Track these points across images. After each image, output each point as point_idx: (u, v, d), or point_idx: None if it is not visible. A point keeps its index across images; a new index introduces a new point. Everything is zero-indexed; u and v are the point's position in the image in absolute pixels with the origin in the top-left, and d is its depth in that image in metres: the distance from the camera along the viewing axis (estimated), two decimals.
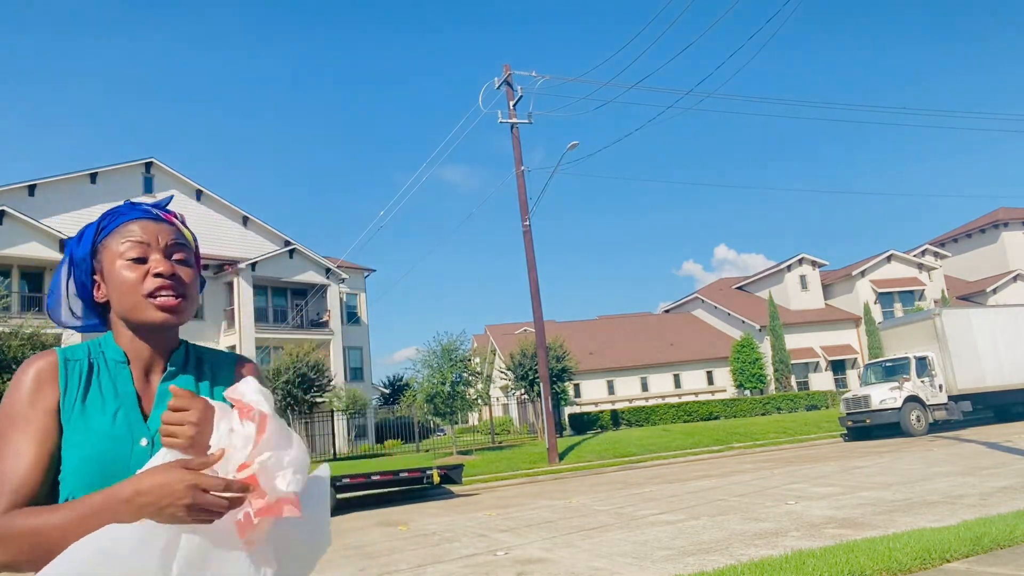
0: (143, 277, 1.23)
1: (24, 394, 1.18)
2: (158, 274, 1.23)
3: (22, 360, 16.67)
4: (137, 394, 1.25)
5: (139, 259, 1.24)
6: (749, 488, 10.89)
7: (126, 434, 1.19)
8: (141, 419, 1.23)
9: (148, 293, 1.22)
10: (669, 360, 39.70)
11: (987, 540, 5.02)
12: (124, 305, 1.24)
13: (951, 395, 20.78)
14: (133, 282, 1.22)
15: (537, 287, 20.78)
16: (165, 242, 1.27)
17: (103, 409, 1.20)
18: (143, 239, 1.25)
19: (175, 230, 1.30)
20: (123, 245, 1.24)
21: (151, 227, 1.27)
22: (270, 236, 34.01)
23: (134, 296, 1.22)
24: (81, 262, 1.28)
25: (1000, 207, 47.54)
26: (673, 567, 5.70)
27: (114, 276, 1.24)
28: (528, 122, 21.43)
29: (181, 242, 1.30)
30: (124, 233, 1.25)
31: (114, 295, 1.25)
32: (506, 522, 9.66)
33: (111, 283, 1.25)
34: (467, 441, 28.34)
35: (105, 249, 1.26)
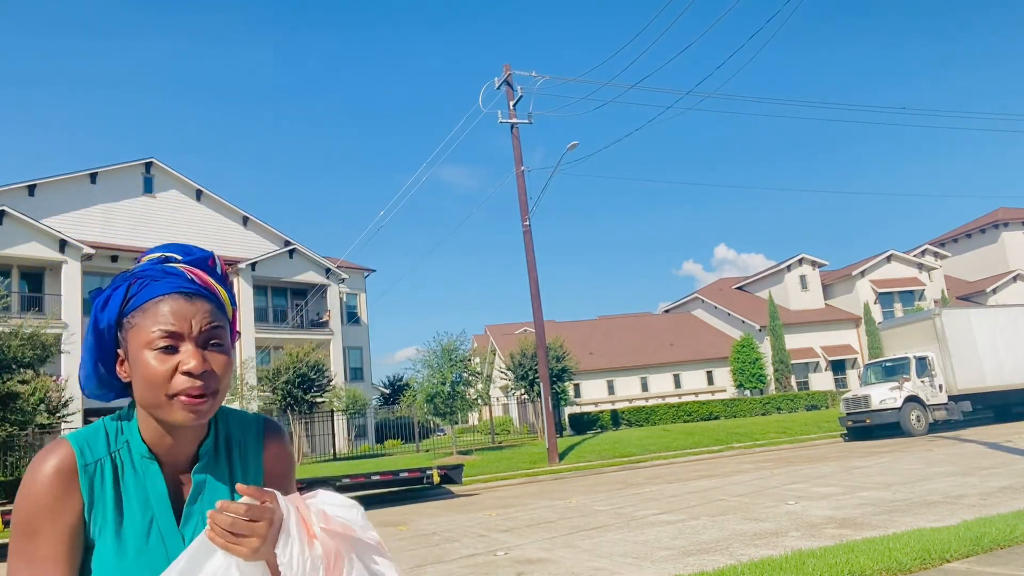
0: (171, 373, 1.08)
1: (43, 506, 1.05)
2: (187, 372, 1.09)
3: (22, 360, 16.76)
4: (168, 493, 1.14)
5: (168, 348, 1.09)
6: (749, 488, 10.89)
7: (161, 555, 1.09)
8: (175, 528, 1.12)
9: (174, 393, 1.09)
10: (669, 360, 39.70)
11: (987, 540, 5.02)
12: (146, 400, 1.11)
13: (951, 395, 20.78)
14: (159, 377, 1.08)
15: (537, 287, 20.78)
16: (199, 327, 1.11)
17: (133, 520, 1.10)
18: (175, 327, 1.10)
19: (212, 308, 1.15)
20: (152, 331, 1.09)
21: (184, 309, 1.11)
22: (270, 236, 34.03)
23: (158, 394, 1.09)
24: (105, 331, 1.14)
25: (1000, 207, 47.57)
26: (673, 567, 5.70)
27: (139, 365, 1.10)
28: (528, 122, 21.43)
29: (217, 324, 1.14)
30: (154, 315, 1.10)
31: (137, 385, 1.11)
32: (506, 522, 9.66)
33: (135, 370, 1.11)
34: (467, 441, 28.35)
35: (131, 327, 1.11)
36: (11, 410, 16.29)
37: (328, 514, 1.10)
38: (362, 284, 38.94)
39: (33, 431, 17.48)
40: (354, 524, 1.11)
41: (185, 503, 1.16)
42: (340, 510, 1.12)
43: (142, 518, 1.11)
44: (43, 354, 17.61)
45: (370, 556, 1.12)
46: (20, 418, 16.55)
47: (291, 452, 1.33)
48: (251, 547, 1.00)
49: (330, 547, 1.07)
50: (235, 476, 1.21)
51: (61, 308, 25.02)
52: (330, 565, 1.05)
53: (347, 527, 1.10)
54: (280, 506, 1.04)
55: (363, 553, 1.11)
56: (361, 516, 1.13)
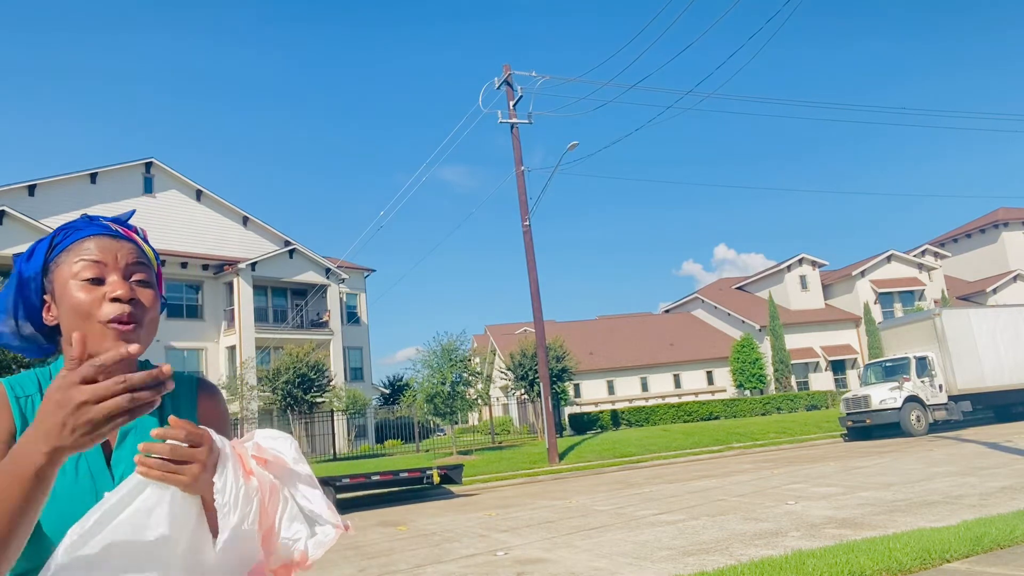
0: (99, 301, 1.09)
1: None
2: (115, 298, 1.09)
3: (22, 361, 16.75)
4: None
5: (95, 279, 1.10)
6: (749, 488, 10.88)
7: (89, 489, 1.07)
8: (104, 466, 1.11)
9: (105, 320, 1.08)
10: (669, 360, 39.70)
11: (987, 540, 5.02)
12: (75, 329, 1.09)
13: (951, 395, 20.78)
14: (88, 305, 1.09)
15: (537, 287, 20.78)
16: (125, 261, 1.14)
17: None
18: (100, 258, 1.12)
19: (136, 248, 1.17)
20: (77, 264, 1.11)
21: (109, 244, 1.14)
22: (270, 236, 34.02)
23: (88, 322, 1.08)
24: (31, 280, 1.15)
25: (1000, 207, 47.56)
26: (673, 567, 5.70)
27: (67, 298, 1.10)
28: (528, 122, 21.44)
29: (142, 261, 1.17)
30: (79, 251, 1.12)
31: (66, 319, 1.11)
32: (506, 522, 9.66)
33: (63, 305, 1.11)
34: (467, 441, 28.35)
35: (57, 267, 1.13)
36: None
37: (261, 446, 1.09)
38: (362, 284, 38.94)
39: None
40: (286, 456, 1.10)
41: (113, 449, 1.14)
42: (272, 441, 1.11)
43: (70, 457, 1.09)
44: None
45: (302, 488, 1.10)
46: None
47: (226, 409, 1.33)
48: (192, 474, 0.96)
49: (264, 480, 1.06)
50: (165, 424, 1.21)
51: None
52: (265, 497, 1.04)
53: (279, 458, 1.09)
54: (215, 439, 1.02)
55: (295, 485, 1.10)
56: (294, 448, 1.12)
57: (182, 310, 30.79)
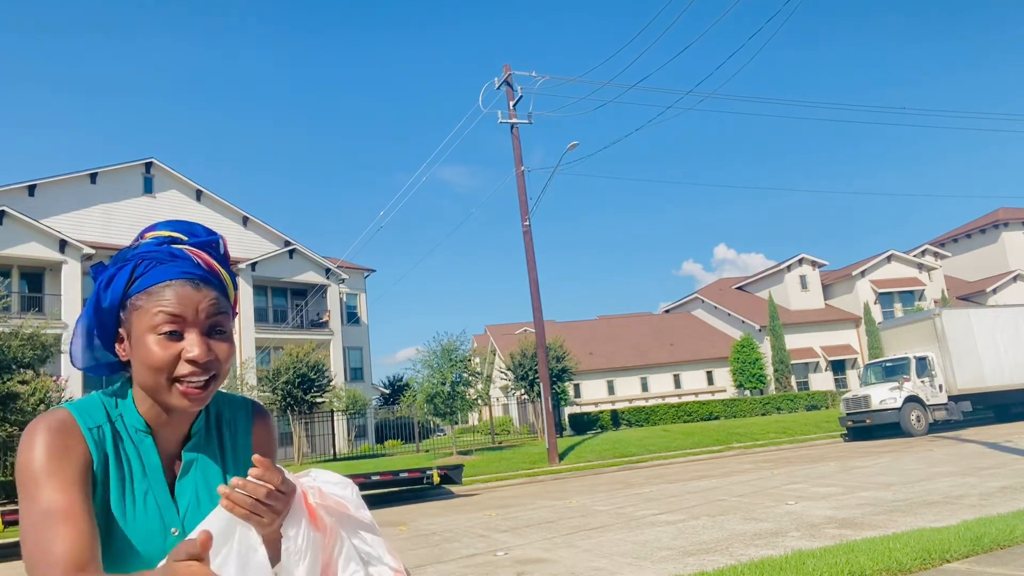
0: (175, 359, 1.08)
1: (49, 451, 1.03)
2: (192, 360, 1.08)
3: (22, 360, 16.76)
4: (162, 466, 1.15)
5: (172, 333, 1.09)
6: (749, 488, 10.89)
7: (158, 525, 1.10)
8: (170, 500, 1.14)
9: (177, 378, 1.09)
10: (669, 360, 39.70)
11: (987, 540, 5.02)
12: (147, 383, 1.10)
13: (951, 395, 20.78)
14: (162, 363, 1.08)
15: (537, 287, 20.78)
16: (205, 314, 1.11)
17: (134, 489, 1.11)
18: (179, 312, 1.09)
19: (216, 297, 1.14)
20: (156, 315, 1.08)
21: (191, 296, 1.10)
22: (270, 236, 34.03)
23: (159, 378, 1.09)
24: (108, 311, 1.13)
25: (1000, 207, 47.57)
26: (673, 567, 5.70)
27: (142, 348, 1.09)
28: (528, 122, 21.44)
29: (222, 310, 1.14)
30: (159, 299, 1.09)
31: (138, 368, 1.11)
32: (506, 522, 9.66)
33: (137, 352, 1.10)
34: (467, 441, 28.36)
35: (135, 309, 1.10)
36: (11, 410, 16.29)
37: (323, 491, 1.10)
38: (362, 284, 38.95)
39: None
40: (348, 502, 1.12)
41: (176, 478, 1.17)
42: (335, 488, 1.12)
43: (141, 487, 1.12)
44: (43, 354, 17.60)
45: (362, 535, 1.12)
46: (20, 418, 16.54)
47: (275, 434, 1.36)
48: (274, 518, 1.00)
49: (324, 524, 1.08)
50: (226, 455, 1.23)
51: (61, 308, 24.99)
52: (325, 542, 1.06)
53: (341, 504, 1.11)
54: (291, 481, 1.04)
55: (355, 531, 1.12)
56: (355, 494, 1.13)
57: None
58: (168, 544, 1.09)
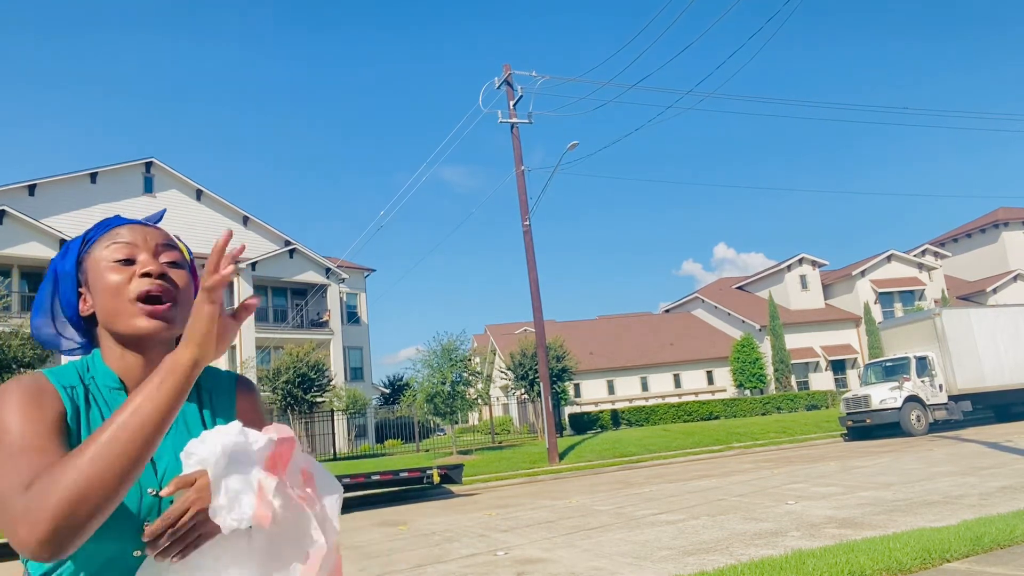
0: (130, 278, 1.12)
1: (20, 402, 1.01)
2: (146, 273, 1.12)
3: (22, 360, 16.76)
4: None
5: (126, 260, 1.13)
6: (749, 488, 10.89)
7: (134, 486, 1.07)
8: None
9: (136, 296, 1.10)
10: (669, 360, 39.70)
11: (987, 540, 5.02)
12: (109, 312, 1.11)
13: (951, 395, 20.78)
14: (119, 284, 1.11)
15: (537, 287, 20.78)
16: (155, 242, 1.17)
17: None
18: (130, 239, 1.15)
19: (165, 234, 1.21)
20: (108, 248, 1.14)
21: (139, 229, 1.18)
22: (270, 236, 34.03)
23: (120, 300, 1.11)
24: (66, 276, 1.17)
25: (1000, 207, 47.54)
26: (673, 567, 5.70)
27: (99, 280, 1.12)
28: (528, 122, 21.43)
29: (172, 244, 1.20)
30: (110, 236, 1.16)
31: (99, 302, 1.13)
32: (506, 522, 9.66)
33: (96, 289, 1.13)
34: (467, 441, 28.36)
35: (90, 257, 1.15)
36: None
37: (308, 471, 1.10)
38: (362, 284, 38.94)
39: None
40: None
41: None
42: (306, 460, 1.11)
43: None
44: (43, 354, 17.60)
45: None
46: None
47: (262, 405, 1.33)
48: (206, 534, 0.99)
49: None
50: (204, 415, 1.21)
51: None
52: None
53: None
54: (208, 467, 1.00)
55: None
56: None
57: None
58: (144, 504, 1.07)
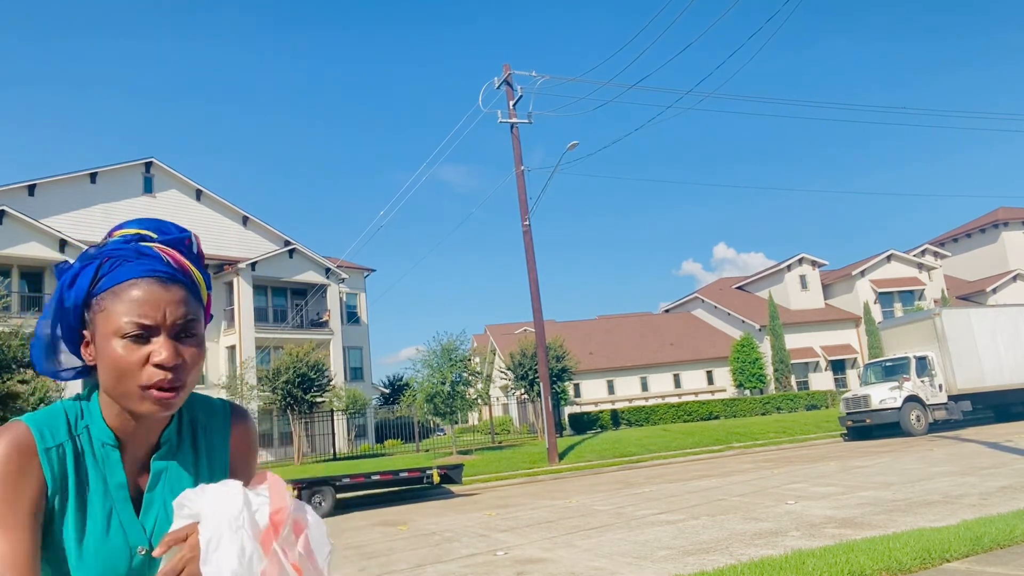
0: (141, 363, 1.03)
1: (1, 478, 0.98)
2: (159, 365, 1.03)
3: (22, 360, 16.75)
4: (128, 482, 1.10)
5: (139, 336, 1.04)
6: (749, 488, 10.89)
7: (122, 546, 1.05)
8: (135, 519, 1.09)
9: (143, 385, 1.03)
10: (669, 360, 39.70)
11: (987, 540, 5.02)
12: (113, 388, 1.06)
13: (951, 395, 20.78)
14: (128, 367, 1.03)
15: (537, 287, 20.79)
16: (174, 318, 1.06)
17: (94, 511, 1.05)
18: (147, 314, 1.04)
19: (186, 298, 1.09)
20: (122, 317, 1.03)
21: (158, 296, 1.05)
22: (270, 236, 34.02)
23: (127, 384, 1.04)
24: (71, 310, 1.07)
25: (1000, 207, 47.55)
26: (673, 567, 5.70)
27: (108, 352, 1.04)
28: (528, 122, 21.43)
29: (191, 315, 1.09)
30: (126, 300, 1.04)
31: (104, 373, 1.05)
32: (506, 522, 9.66)
33: (103, 356, 1.05)
34: (467, 441, 28.35)
35: (101, 310, 1.05)
36: (11, 410, 16.28)
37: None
38: (362, 284, 38.94)
39: None
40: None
41: (145, 491, 1.11)
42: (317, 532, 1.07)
43: (102, 508, 1.06)
44: None
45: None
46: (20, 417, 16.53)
47: (255, 433, 1.30)
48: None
49: None
50: (200, 462, 1.18)
51: None
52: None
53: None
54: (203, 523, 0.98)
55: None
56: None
57: None
58: (135, 564, 1.05)
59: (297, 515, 1.05)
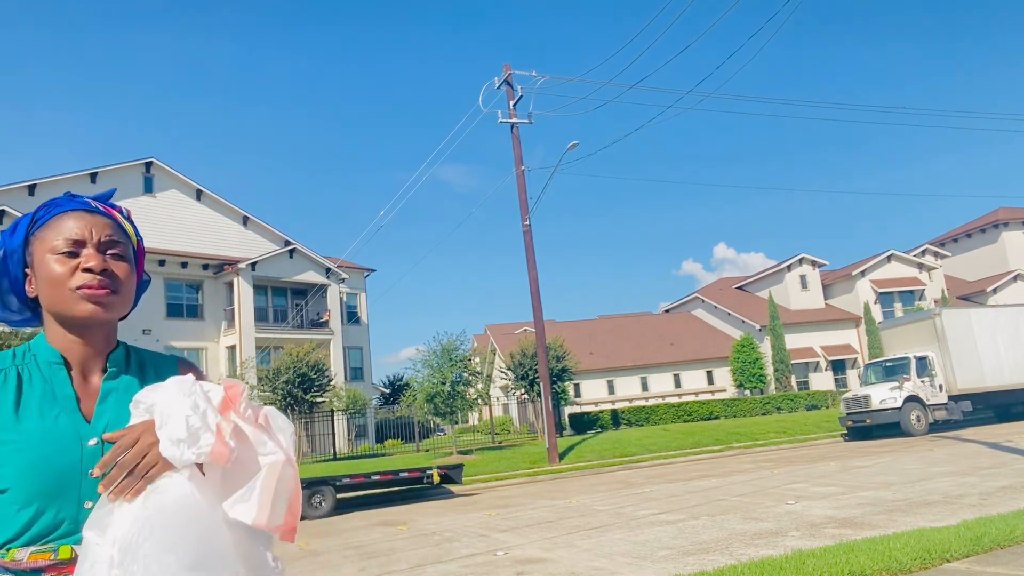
0: (72, 271, 1.17)
1: None
2: (87, 269, 1.17)
3: None
4: (77, 396, 1.19)
5: (70, 252, 1.18)
6: (749, 488, 10.89)
7: (72, 435, 1.13)
8: (84, 420, 1.16)
9: (75, 287, 1.16)
10: (669, 360, 39.69)
11: (987, 540, 5.02)
12: (51, 299, 1.18)
13: (951, 395, 20.77)
14: (61, 276, 1.17)
15: (537, 287, 20.78)
16: (99, 236, 1.21)
17: (40, 414, 1.13)
18: (76, 232, 1.19)
19: (113, 224, 1.25)
20: (55, 239, 1.18)
21: (87, 219, 1.21)
22: (270, 236, 34.01)
23: (61, 289, 1.17)
24: (12, 254, 1.22)
25: (1000, 207, 47.53)
26: (673, 567, 5.70)
27: (44, 269, 1.18)
28: (528, 122, 21.43)
29: (117, 238, 1.24)
30: (57, 225, 1.20)
31: (42, 288, 1.19)
32: (506, 522, 9.66)
33: (40, 276, 1.19)
34: (467, 441, 28.34)
35: (37, 240, 1.20)
36: None
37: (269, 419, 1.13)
38: (362, 284, 38.93)
39: None
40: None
41: (96, 406, 1.19)
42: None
43: (51, 411, 1.14)
44: None
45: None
46: None
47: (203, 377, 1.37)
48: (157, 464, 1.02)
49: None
50: None
51: None
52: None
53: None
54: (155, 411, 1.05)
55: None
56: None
57: (182, 310, 30.79)
58: (86, 453, 1.11)
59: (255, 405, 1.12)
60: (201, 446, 1.00)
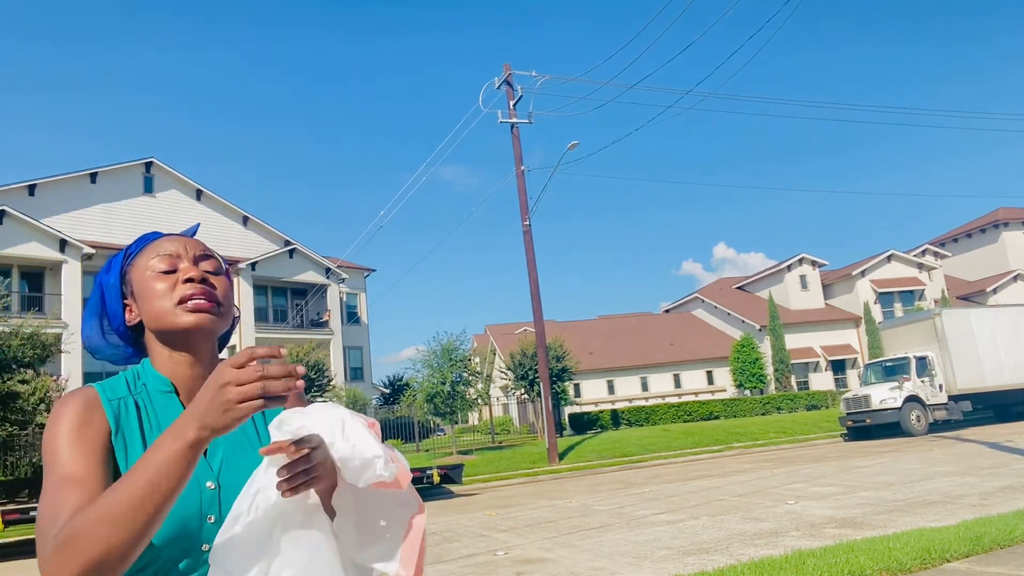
0: (173, 286, 1.18)
1: (67, 428, 1.06)
2: (188, 279, 1.18)
3: (22, 360, 16.75)
4: None
5: (168, 271, 1.19)
6: (749, 488, 10.89)
7: (191, 482, 1.08)
8: (200, 457, 1.10)
9: (180, 299, 1.16)
10: (669, 360, 39.70)
11: (987, 540, 5.02)
12: (154, 315, 1.17)
13: (951, 395, 20.78)
14: (163, 291, 1.17)
15: (537, 287, 20.79)
16: (194, 252, 1.23)
17: None
18: (172, 251, 1.21)
19: (203, 244, 1.28)
20: (152, 260, 1.21)
21: (179, 240, 1.25)
22: (270, 236, 34.02)
23: (163, 304, 1.16)
24: (111, 288, 1.24)
25: (1000, 207, 47.53)
26: (673, 567, 5.70)
27: (143, 288, 1.19)
28: (528, 122, 21.44)
29: (211, 254, 1.26)
30: (152, 249, 1.23)
31: (144, 308, 1.19)
32: (506, 522, 9.66)
33: (141, 297, 1.19)
34: (467, 441, 28.35)
35: (134, 269, 1.22)
36: (11, 410, 16.29)
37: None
38: (362, 284, 38.94)
39: (33, 431, 17.44)
40: None
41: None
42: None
43: None
44: (43, 354, 17.59)
45: None
46: (20, 418, 16.54)
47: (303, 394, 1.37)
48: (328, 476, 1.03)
49: None
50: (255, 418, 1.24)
51: (61, 308, 24.99)
52: None
53: None
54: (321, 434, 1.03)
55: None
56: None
57: None
58: (204, 498, 1.08)
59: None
60: (390, 467, 0.99)
